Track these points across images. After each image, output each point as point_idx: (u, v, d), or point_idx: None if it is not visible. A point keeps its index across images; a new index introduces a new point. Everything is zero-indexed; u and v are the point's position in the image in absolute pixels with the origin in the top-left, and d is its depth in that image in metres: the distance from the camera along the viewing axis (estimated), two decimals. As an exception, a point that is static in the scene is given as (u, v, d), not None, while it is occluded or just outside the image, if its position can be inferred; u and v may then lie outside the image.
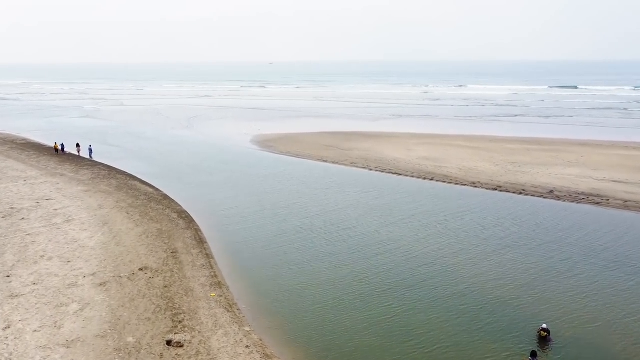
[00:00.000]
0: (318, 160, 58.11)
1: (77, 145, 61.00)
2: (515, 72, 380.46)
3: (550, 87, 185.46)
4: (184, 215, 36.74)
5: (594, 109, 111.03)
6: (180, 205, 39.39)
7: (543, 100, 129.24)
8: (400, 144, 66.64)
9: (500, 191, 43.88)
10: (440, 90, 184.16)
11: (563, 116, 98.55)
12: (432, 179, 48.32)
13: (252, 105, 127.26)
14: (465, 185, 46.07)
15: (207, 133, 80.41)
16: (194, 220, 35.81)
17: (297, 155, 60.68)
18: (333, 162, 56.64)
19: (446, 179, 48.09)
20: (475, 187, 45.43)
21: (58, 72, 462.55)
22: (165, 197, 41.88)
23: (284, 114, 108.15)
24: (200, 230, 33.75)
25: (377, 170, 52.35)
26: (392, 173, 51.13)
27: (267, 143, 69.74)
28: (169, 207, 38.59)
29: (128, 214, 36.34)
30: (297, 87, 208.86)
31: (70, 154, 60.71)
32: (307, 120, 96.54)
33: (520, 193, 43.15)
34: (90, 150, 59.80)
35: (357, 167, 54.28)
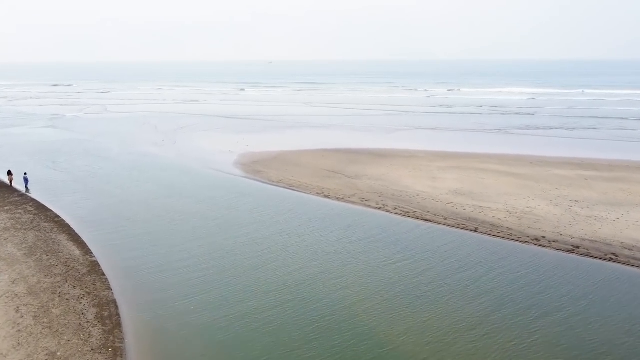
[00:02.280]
0: (318, 194, 44.77)
1: (9, 172, 47.67)
2: (521, 72, 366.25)
3: (568, 90, 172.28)
4: (106, 313, 23.36)
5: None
6: (109, 288, 26.01)
7: (572, 108, 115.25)
8: (422, 169, 53.27)
9: (580, 255, 30.53)
10: (447, 94, 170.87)
11: (602, 128, 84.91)
12: (475, 230, 34.97)
13: (244, 113, 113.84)
14: (525, 242, 32.71)
15: (184, 151, 66.98)
16: (120, 325, 22.44)
17: (291, 187, 47.33)
18: (337, 198, 43.30)
19: (495, 230, 34.72)
20: (541, 245, 32.09)
21: (53, 72, 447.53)
22: (93, 268, 28.48)
23: (278, 123, 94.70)
24: (123, 353, 20.37)
25: (396, 213, 38.98)
26: (417, 218, 37.74)
27: (256, 166, 56.38)
28: (90, 293, 25.22)
29: (17, 312, 22.97)
30: (297, 90, 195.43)
31: (1, 185, 47.54)
32: (305, 132, 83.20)
33: (610, 259, 29.83)
34: (26, 180, 46.47)
35: (369, 206, 40.92)
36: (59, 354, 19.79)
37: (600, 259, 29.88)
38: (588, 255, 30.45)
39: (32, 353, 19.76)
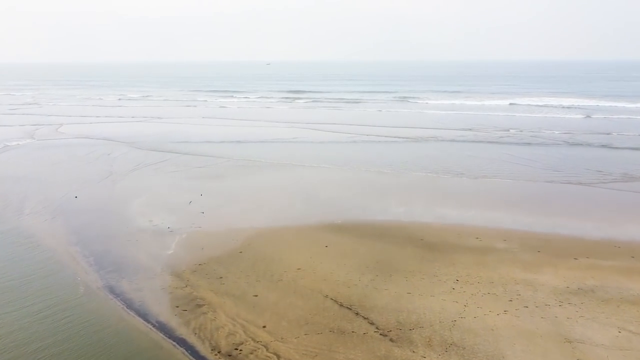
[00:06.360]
0: None
1: None
2: (526, 75, 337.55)
3: (622, 103, 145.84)
4: None
5: None
6: None
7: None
8: (522, 294, 26.23)
9: None
10: (469, 107, 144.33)
11: None
12: None
13: (215, 139, 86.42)
14: None
15: (90, 232, 39.51)
16: None
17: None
18: None
19: None
20: None
21: (29, 74, 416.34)
22: None
23: (257, 162, 67.20)
24: None
25: None
26: None
27: (201, 283, 29.25)
28: None
29: None
30: (291, 101, 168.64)
31: None
32: (293, 181, 55.90)
33: None
34: None
35: None
36: None
37: None
38: None
39: None
